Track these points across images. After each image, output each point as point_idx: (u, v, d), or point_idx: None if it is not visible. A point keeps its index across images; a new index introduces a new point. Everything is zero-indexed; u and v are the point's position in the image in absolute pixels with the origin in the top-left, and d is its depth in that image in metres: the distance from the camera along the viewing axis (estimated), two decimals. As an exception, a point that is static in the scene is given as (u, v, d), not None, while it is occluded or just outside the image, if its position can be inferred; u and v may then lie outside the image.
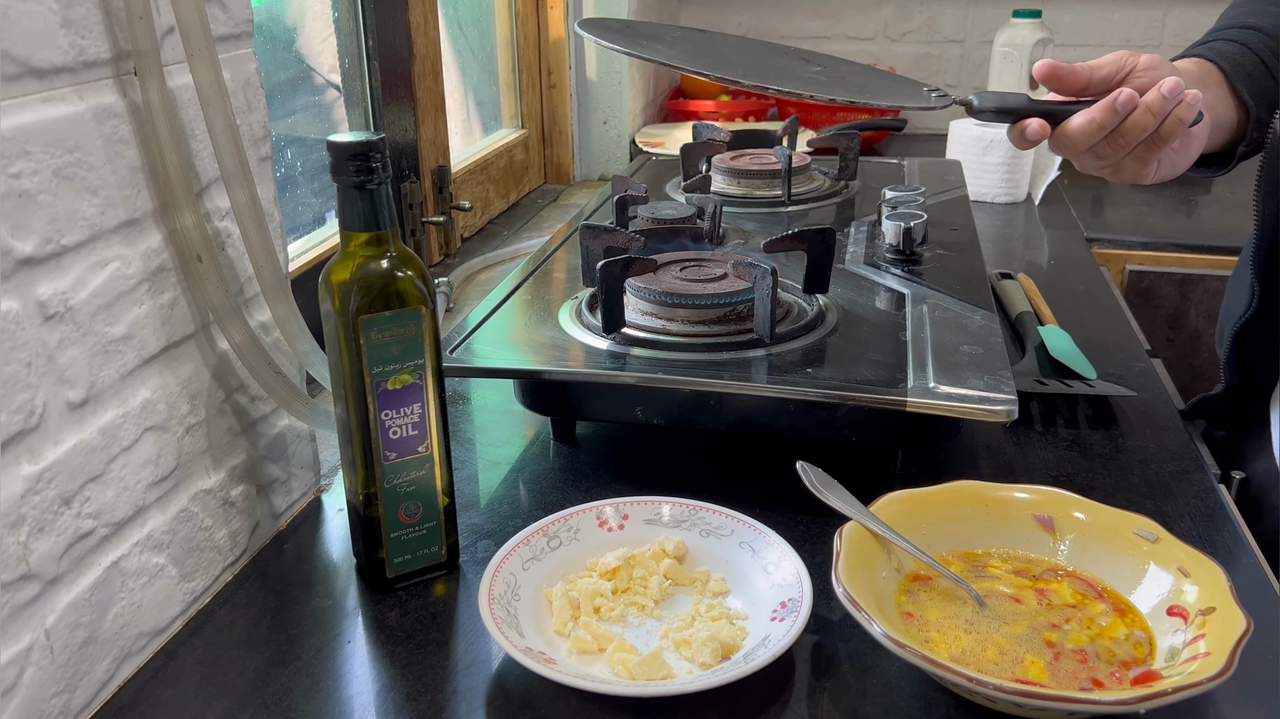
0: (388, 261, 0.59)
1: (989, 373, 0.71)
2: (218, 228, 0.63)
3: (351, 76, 1.10)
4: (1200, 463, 0.80)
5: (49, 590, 0.52)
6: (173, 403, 0.60)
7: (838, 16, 2.05)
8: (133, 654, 0.58)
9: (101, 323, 0.54)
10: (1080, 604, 0.59)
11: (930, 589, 0.60)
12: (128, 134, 0.55)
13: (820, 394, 0.70)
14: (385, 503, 0.62)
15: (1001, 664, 0.54)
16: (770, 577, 0.62)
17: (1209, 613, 0.54)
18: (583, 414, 0.82)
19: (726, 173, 1.18)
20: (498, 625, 0.56)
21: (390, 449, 0.61)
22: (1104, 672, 0.54)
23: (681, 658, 0.58)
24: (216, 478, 0.64)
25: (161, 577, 0.60)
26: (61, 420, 0.52)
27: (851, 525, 0.60)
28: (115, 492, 0.56)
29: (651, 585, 0.63)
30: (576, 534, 0.66)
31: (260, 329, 0.66)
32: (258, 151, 0.66)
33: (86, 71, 0.52)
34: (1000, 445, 0.83)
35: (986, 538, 0.64)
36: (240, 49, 0.64)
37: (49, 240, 0.50)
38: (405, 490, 0.62)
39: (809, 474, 0.65)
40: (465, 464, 0.82)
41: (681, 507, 0.68)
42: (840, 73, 0.82)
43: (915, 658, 0.50)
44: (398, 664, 0.59)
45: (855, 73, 0.83)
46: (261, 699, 0.57)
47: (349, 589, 0.66)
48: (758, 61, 0.82)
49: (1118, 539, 0.61)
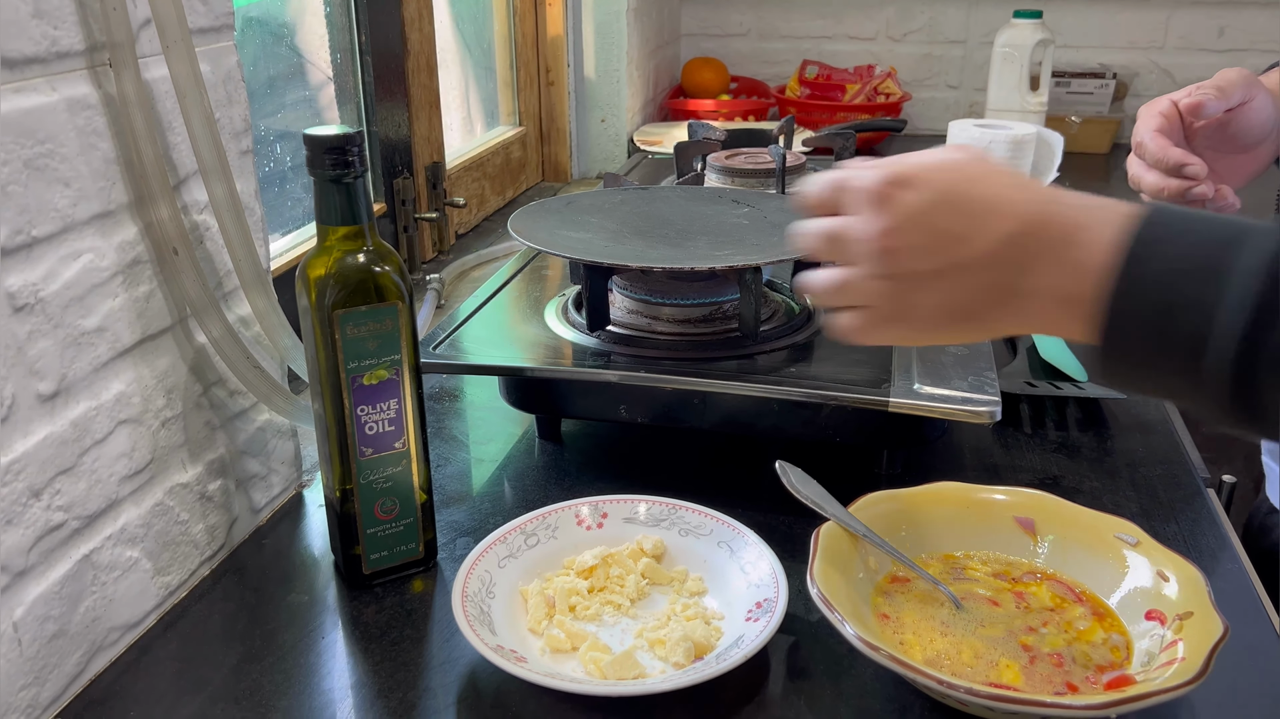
0: (365, 256, 0.58)
1: (973, 374, 0.71)
2: (196, 221, 0.62)
3: (344, 71, 1.10)
4: (1188, 467, 0.79)
5: (17, 583, 0.51)
6: (148, 396, 0.60)
7: (839, 17, 2.04)
8: (105, 648, 0.58)
9: (74, 315, 0.54)
10: (1059, 608, 0.58)
11: (908, 591, 0.60)
12: (102, 126, 0.55)
13: (803, 394, 0.70)
14: (361, 499, 0.62)
15: (976, 667, 0.54)
16: (747, 577, 0.61)
17: (1186, 617, 0.53)
18: (567, 412, 0.81)
19: (721, 171, 1.18)
20: (469, 623, 0.56)
21: (366, 444, 0.61)
22: (1079, 676, 0.53)
23: (655, 657, 0.57)
24: (193, 472, 0.64)
25: (135, 570, 0.60)
26: (31, 412, 0.52)
27: (829, 526, 0.60)
28: (87, 484, 0.55)
29: (628, 584, 0.62)
30: (554, 532, 0.66)
31: (240, 323, 0.66)
32: (238, 145, 0.66)
33: (59, 62, 0.52)
34: (988, 447, 0.83)
35: (967, 540, 0.63)
36: (221, 42, 0.64)
37: (19, 231, 0.50)
38: (382, 486, 0.62)
39: (788, 473, 0.65)
40: (451, 461, 0.81)
41: (660, 505, 0.67)
42: (765, 214, 0.85)
43: (887, 660, 0.50)
44: (371, 660, 0.59)
45: (781, 216, 0.84)
46: (234, 694, 0.56)
47: (328, 585, 0.66)
48: (685, 212, 0.86)
49: (1098, 542, 0.60)
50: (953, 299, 0.45)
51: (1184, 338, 0.40)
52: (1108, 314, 0.41)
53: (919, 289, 0.45)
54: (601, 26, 1.66)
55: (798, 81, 1.99)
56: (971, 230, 0.44)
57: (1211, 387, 0.40)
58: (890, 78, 1.93)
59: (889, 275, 0.46)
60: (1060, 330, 0.44)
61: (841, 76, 1.98)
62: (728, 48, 2.11)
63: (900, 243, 0.45)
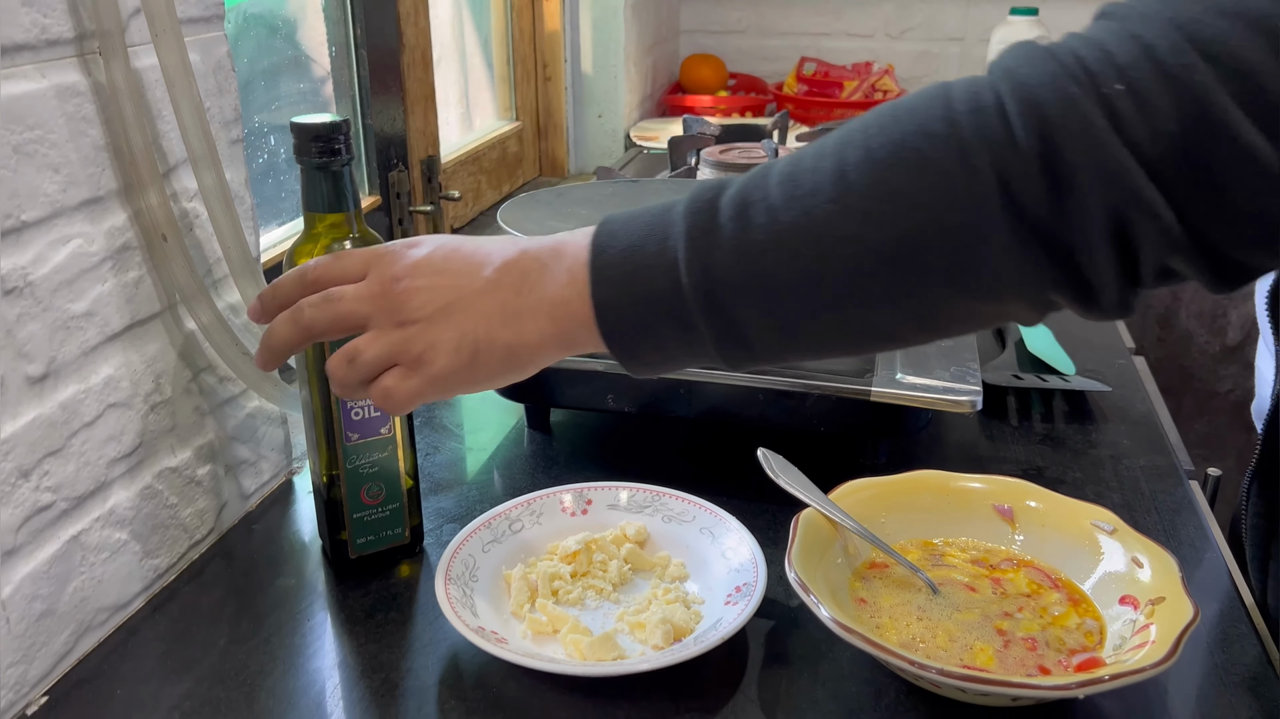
0: (351, 243, 0.59)
1: (956, 364, 0.71)
2: (185, 208, 0.63)
3: (340, 65, 1.11)
4: (1173, 459, 0.80)
5: (6, 562, 0.52)
6: (137, 380, 0.60)
7: (838, 14, 2.04)
8: (93, 628, 0.59)
9: (63, 299, 0.55)
10: (1035, 593, 0.59)
11: (885, 577, 0.60)
12: (91, 113, 0.55)
13: (787, 383, 0.71)
14: (347, 484, 0.63)
15: (951, 651, 0.55)
16: (728, 562, 0.62)
17: (1159, 602, 0.54)
18: (555, 402, 0.82)
19: (714, 165, 1.19)
20: (452, 605, 0.57)
21: (352, 430, 0.62)
22: (1052, 659, 0.54)
23: (635, 640, 0.58)
24: (182, 456, 0.65)
25: (124, 552, 0.60)
26: (20, 394, 0.52)
27: (808, 512, 0.61)
28: (76, 466, 0.56)
29: (611, 569, 0.63)
30: (539, 518, 0.66)
31: (229, 310, 0.67)
32: (228, 134, 0.67)
33: (49, 50, 0.53)
34: (974, 439, 0.83)
35: (946, 527, 0.64)
36: (211, 31, 0.65)
37: (8, 215, 0.51)
38: (367, 472, 0.63)
39: (769, 461, 0.65)
40: (440, 450, 0.82)
41: (644, 492, 0.68)
42: None
43: (861, 642, 0.51)
44: (356, 642, 0.60)
45: None
46: (219, 674, 0.57)
47: (317, 570, 0.67)
48: None
49: (1074, 530, 0.61)
50: (466, 330, 0.47)
51: (659, 295, 0.44)
52: (592, 300, 0.45)
53: (432, 328, 0.47)
54: (599, 22, 1.67)
55: (796, 78, 1.99)
56: (470, 267, 0.48)
57: (702, 332, 0.44)
58: (888, 74, 1.94)
59: (401, 323, 0.47)
60: (570, 338, 0.47)
61: (839, 73, 1.98)
62: (726, 44, 2.12)
63: (408, 286, 0.48)
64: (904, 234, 0.40)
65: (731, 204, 0.44)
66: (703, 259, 0.43)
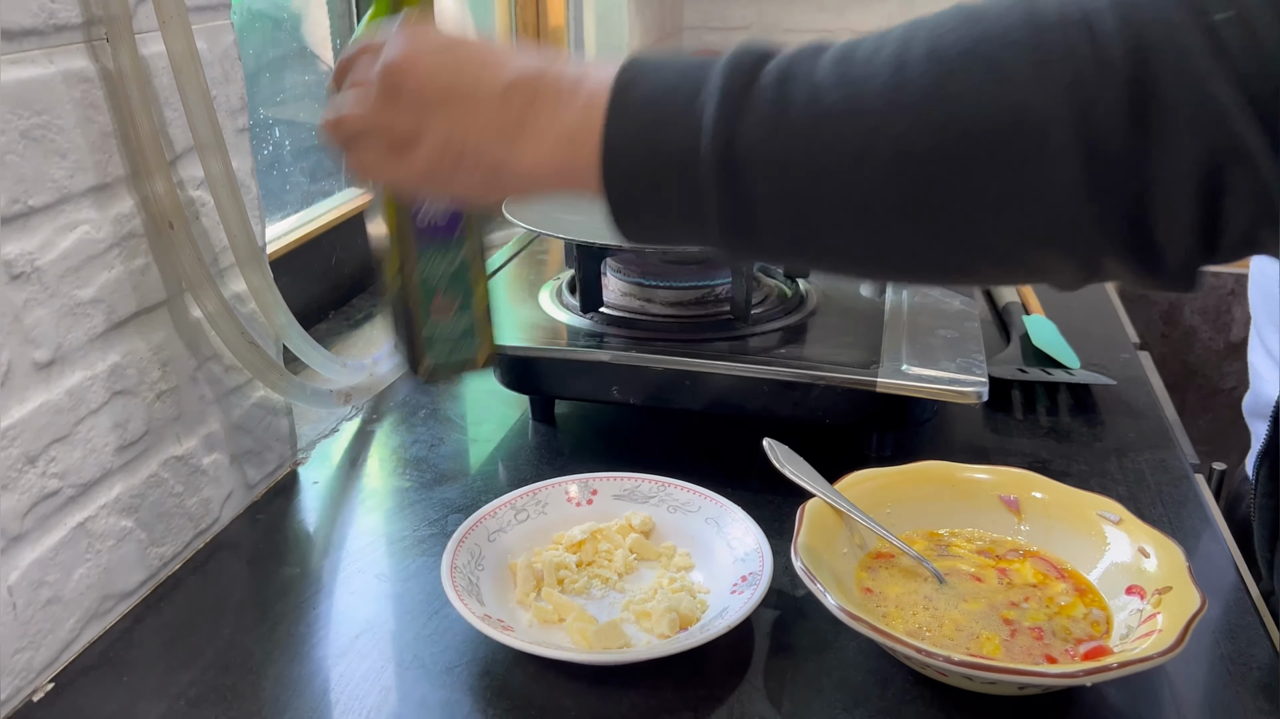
0: None
1: (962, 355, 0.71)
2: (191, 196, 0.63)
3: (345, 58, 1.11)
4: (1177, 452, 0.80)
5: (12, 547, 0.52)
6: (143, 368, 0.60)
7: (841, 10, 2.04)
8: (99, 615, 0.59)
9: (70, 285, 0.55)
10: (1041, 584, 0.59)
11: (892, 566, 0.60)
12: (99, 99, 0.55)
13: (792, 374, 0.71)
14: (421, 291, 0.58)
15: (957, 640, 0.55)
16: (734, 551, 0.62)
17: (1165, 592, 0.54)
18: (560, 393, 0.82)
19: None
20: (457, 593, 0.57)
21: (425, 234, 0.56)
22: (1058, 648, 0.54)
23: (641, 629, 0.58)
24: (188, 445, 0.65)
25: (130, 540, 0.60)
26: (27, 379, 0.52)
27: (814, 502, 0.61)
28: (82, 453, 0.56)
29: (616, 559, 0.63)
30: (544, 508, 0.66)
31: (235, 299, 0.67)
32: (234, 123, 0.67)
33: (57, 35, 0.53)
34: (979, 431, 0.83)
35: (951, 518, 0.64)
36: (217, 20, 0.65)
37: (15, 200, 0.51)
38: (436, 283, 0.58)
39: (775, 451, 0.65)
40: (445, 442, 0.82)
41: (649, 483, 0.68)
42: None
43: (868, 630, 0.50)
44: (362, 632, 0.60)
45: None
46: (224, 663, 0.57)
47: (321, 559, 0.67)
48: None
49: (1080, 520, 0.61)
50: (458, 132, 0.44)
51: (675, 152, 0.40)
52: (602, 142, 0.41)
53: (423, 114, 0.44)
54: (603, 18, 1.67)
55: (799, 75, 1.99)
56: (484, 70, 0.44)
57: (710, 204, 0.40)
58: (891, 72, 1.94)
59: (398, 96, 0.45)
60: (565, 176, 0.43)
61: (843, 70, 1.98)
62: (729, 41, 2.11)
63: (415, 64, 0.44)
64: (957, 145, 0.36)
65: (774, 74, 0.39)
66: (731, 126, 0.39)
